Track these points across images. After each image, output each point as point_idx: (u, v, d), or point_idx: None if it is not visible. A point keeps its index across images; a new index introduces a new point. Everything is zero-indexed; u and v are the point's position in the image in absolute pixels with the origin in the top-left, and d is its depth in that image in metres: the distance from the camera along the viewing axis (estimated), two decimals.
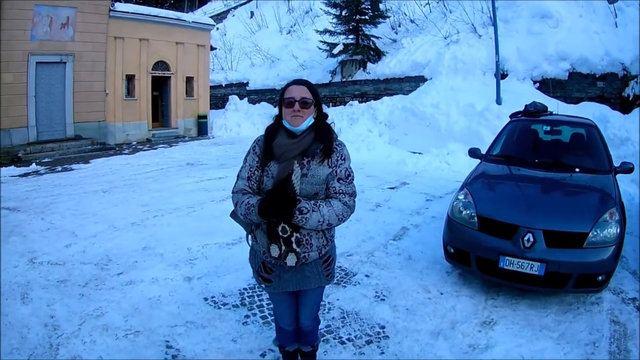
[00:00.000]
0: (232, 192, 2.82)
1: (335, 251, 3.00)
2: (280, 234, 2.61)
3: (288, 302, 3.01)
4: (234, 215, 2.93)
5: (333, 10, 21.71)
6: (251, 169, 2.76)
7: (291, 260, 2.65)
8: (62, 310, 4.37)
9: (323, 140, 2.69)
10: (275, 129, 2.75)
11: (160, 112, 21.56)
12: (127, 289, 4.83)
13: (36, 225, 7.09)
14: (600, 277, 4.44)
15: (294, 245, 2.63)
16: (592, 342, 4.05)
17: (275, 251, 2.64)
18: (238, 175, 2.83)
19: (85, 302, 4.55)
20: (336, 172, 2.70)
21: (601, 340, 4.08)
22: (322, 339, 3.87)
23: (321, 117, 2.77)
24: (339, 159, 2.72)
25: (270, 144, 2.69)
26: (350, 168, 2.79)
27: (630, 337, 4.13)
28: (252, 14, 34.89)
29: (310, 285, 2.84)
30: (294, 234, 2.62)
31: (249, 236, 2.89)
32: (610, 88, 13.59)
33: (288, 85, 2.75)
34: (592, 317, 4.46)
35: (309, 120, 2.68)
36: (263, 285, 2.90)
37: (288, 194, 2.51)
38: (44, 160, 14.21)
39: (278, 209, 2.49)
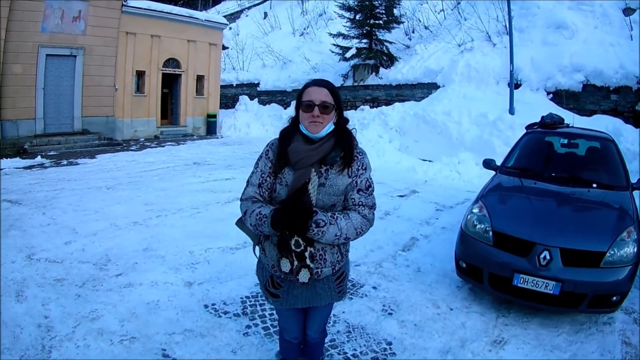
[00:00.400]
0: (241, 200, 2.61)
1: (349, 266, 2.81)
2: (293, 247, 2.40)
3: (296, 317, 2.83)
4: (240, 223, 2.71)
5: (347, 14, 21.69)
6: (263, 175, 2.54)
7: (304, 276, 2.45)
8: (57, 310, 4.22)
9: (344, 147, 2.47)
10: (291, 132, 2.51)
11: (169, 109, 21.55)
12: (125, 291, 4.67)
13: (37, 220, 6.96)
14: (615, 298, 4.30)
15: (308, 261, 2.43)
16: None
17: (286, 266, 2.44)
18: (248, 181, 2.61)
19: (81, 303, 4.39)
20: (356, 182, 2.50)
21: None
22: (326, 353, 3.70)
23: (342, 122, 2.54)
24: (359, 168, 2.51)
25: (285, 149, 2.46)
26: (371, 178, 2.59)
27: None
28: (265, 14, 34.89)
29: (320, 302, 2.64)
30: (308, 249, 2.41)
31: (257, 247, 2.70)
32: (624, 101, 13.46)
33: (307, 85, 2.50)
34: (604, 338, 4.32)
35: (329, 127, 2.46)
36: (270, 301, 2.70)
37: (304, 204, 2.32)
38: (49, 153, 14.15)
39: (293, 220, 2.29)
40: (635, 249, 4.41)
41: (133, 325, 4.04)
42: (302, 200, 2.35)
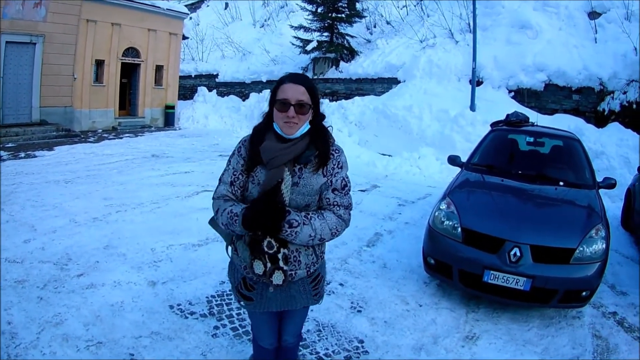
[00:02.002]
0: (213, 198, 2.45)
1: (325, 269, 2.71)
2: (266, 249, 2.28)
3: (270, 322, 2.69)
4: (213, 222, 2.56)
5: (309, 7, 21.65)
6: (235, 173, 2.41)
7: (278, 278, 2.32)
8: (19, 315, 4.00)
9: (318, 146, 2.35)
10: (263, 130, 2.38)
11: (127, 100, 20.95)
12: (88, 293, 4.48)
13: None
14: (584, 293, 4.41)
15: (281, 263, 2.31)
16: (576, 356, 4.03)
17: (259, 268, 2.31)
18: (220, 179, 2.46)
19: (44, 306, 4.18)
20: (331, 181, 2.38)
21: (584, 354, 4.06)
22: (299, 354, 3.62)
23: (317, 120, 2.40)
24: (335, 167, 2.39)
25: (257, 147, 2.34)
26: (347, 177, 2.46)
27: (613, 351, 4.13)
28: (226, 5, 34.44)
29: (295, 305, 2.53)
30: (282, 250, 2.30)
31: (229, 247, 2.58)
32: (585, 102, 13.85)
33: (282, 81, 2.33)
34: (574, 332, 4.42)
35: (305, 127, 2.32)
36: (242, 304, 2.56)
37: (276, 204, 2.20)
38: (7, 145, 13.54)
39: (265, 220, 2.17)
40: (604, 246, 4.52)
41: (98, 329, 3.87)
42: (275, 199, 2.23)
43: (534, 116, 8.21)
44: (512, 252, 4.36)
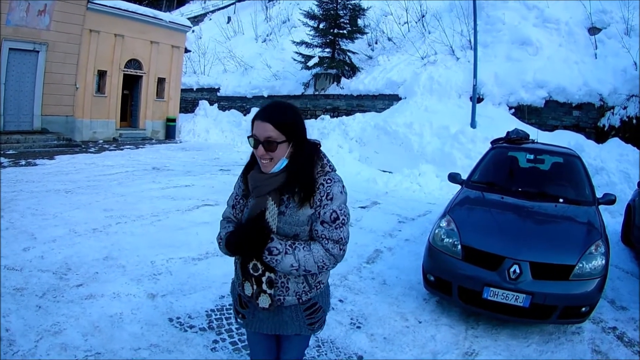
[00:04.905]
0: (222, 217, 2.54)
1: (328, 300, 2.59)
2: (252, 272, 2.31)
3: (264, 344, 2.62)
4: None
5: (311, 22, 21.76)
6: (237, 197, 2.47)
7: (264, 301, 2.32)
8: (17, 323, 3.99)
9: (299, 179, 2.27)
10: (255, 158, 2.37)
11: (129, 111, 21.05)
12: (87, 303, 4.47)
13: None
14: (584, 309, 4.42)
15: (265, 286, 2.31)
16: None
17: (248, 289, 2.34)
18: (227, 201, 2.54)
19: (43, 315, 4.18)
20: (319, 213, 2.28)
21: None
22: None
23: (300, 152, 2.31)
24: (323, 198, 2.27)
25: (246, 175, 2.37)
26: (341, 209, 2.30)
27: None
28: (229, 19, 34.72)
29: (286, 331, 2.45)
30: (267, 274, 2.29)
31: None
32: (586, 117, 13.93)
33: (255, 115, 2.28)
34: (574, 347, 4.42)
35: (282, 163, 2.27)
36: (239, 320, 2.56)
37: (259, 230, 2.20)
38: (8, 152, 13.59)
39: (244, 245, 2.20)
40: (604, 262, 4.54)
41: (97, 339, 3.86)
42: (257, 226, 2.22)
43: (534, 133, 8.23)
44: (512, 269, 4.38)
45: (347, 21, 21.38)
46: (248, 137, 2.27)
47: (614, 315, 5.11)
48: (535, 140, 7.21)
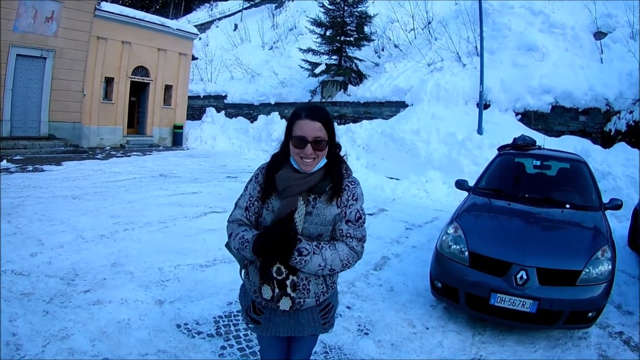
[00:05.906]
0: (228, 221, 2.48)
1: (337, 298, 2.66)
2: (275, 275, 2.29)
3: (278, 347, 2.65)
4: (228, 246, 2.55)
5: (318, 30, 21.84)
6: (251, 199, 2.43)
7: (285, 304, 2.32)
8: (25, 327, 4.01)
9: (333, 178, 2.34)
10: (281, 158, 2.38)
11: (136, 118, 21.22)
12: (95, 309, 4.49)
13: (2, 228, 6.66)
14: (591, 314, 4.42)
15: (289, 289, 2.30)
16: None
17: (267, 293, 2.31)
18: (236, 204, 2.49)
19: (50, 320, 4.19)
20: (345, 213, 2.36)
21: None
22: None
23: (333, 151, 2.38)
24: (349, 198, 2.37)
25: (273, 176, 2.34)
26: (362, 209, 2.42)
27: None
28: (236, 26, 34.91)
29: (303, 332, 2.50)
30: (290, 277, 2.29)
31: (242, 271, 2.56)
32: (592, 122, 13.91)
33: (298, 116, 2.30)
34: (581, 352, 4.41)
35: (322, 162, 2.32)
36: (251, 327, 2.55)
37: (288, 231, 2.22)
38: (15, 158, 13.70)
39: (275, 248, 2.19)
40: (610, 267, 4.54)
41: (105, 345, 3.87)
42: (287, 228, 2.24)
43: (540, 139, 8.23)
44: (519, 275, 4.37)
45: (354, 28, 21.46)
46: (291, 137, 2.28)
47: (621, 320, 5.10)
48: (542, 146, 7.20)
